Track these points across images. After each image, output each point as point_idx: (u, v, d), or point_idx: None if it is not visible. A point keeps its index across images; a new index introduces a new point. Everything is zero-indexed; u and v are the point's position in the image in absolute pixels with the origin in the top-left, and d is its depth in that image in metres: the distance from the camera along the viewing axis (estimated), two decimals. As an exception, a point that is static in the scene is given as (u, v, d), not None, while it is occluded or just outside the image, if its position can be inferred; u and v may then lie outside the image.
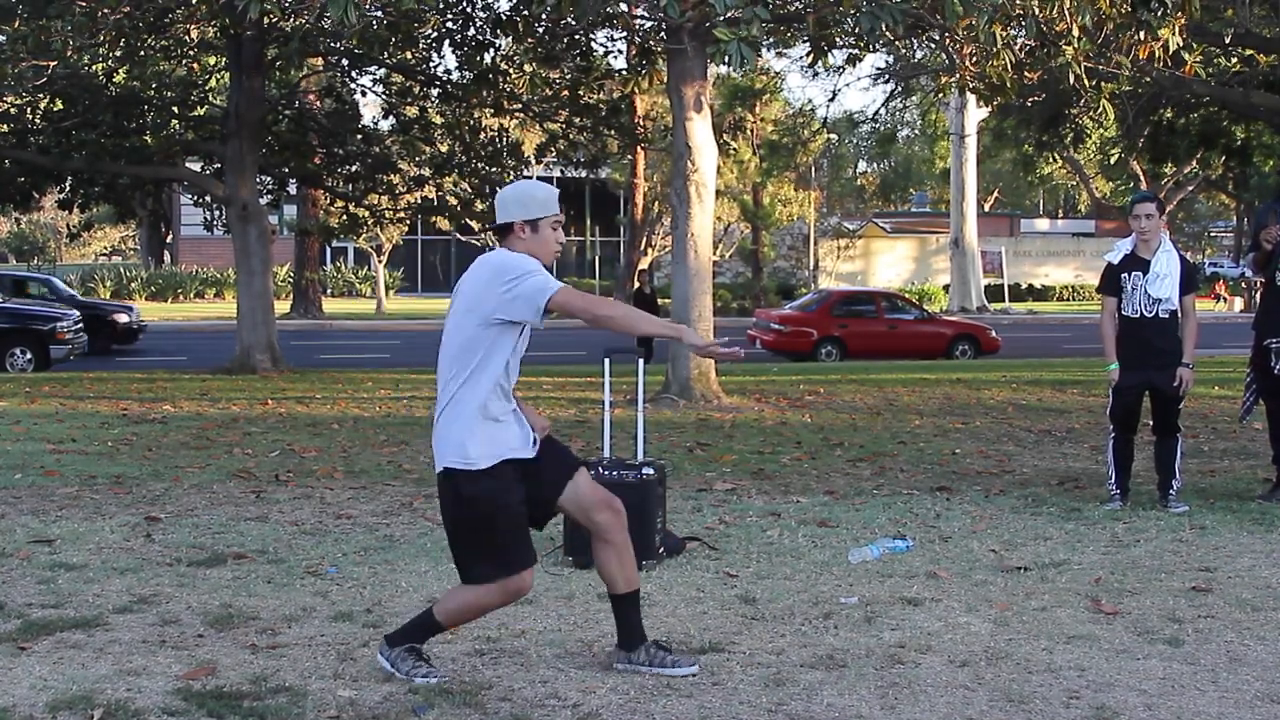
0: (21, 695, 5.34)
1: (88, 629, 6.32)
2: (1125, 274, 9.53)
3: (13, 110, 23.07)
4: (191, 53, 24.75)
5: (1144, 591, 7.22)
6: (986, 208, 75.48)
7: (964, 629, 6.46)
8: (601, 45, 23.36)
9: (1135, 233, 9.59)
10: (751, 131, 47.12)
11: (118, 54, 22.11)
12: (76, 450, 12.67)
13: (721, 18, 12.75)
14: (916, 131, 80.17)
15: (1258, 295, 12.73)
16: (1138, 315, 9.49)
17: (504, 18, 19.84)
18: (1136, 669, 5.87)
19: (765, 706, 5.33)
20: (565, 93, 23.06)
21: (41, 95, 22.34)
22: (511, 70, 22.83)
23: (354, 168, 26.23)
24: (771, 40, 19.61)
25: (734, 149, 44.83)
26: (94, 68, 22.55)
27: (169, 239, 68.90)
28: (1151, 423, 9.80)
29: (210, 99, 26.84)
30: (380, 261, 53.07)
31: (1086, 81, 15.20)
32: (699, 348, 5.65)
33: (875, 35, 14.77)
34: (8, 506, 9.57)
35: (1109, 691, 5.55)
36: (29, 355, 24.33)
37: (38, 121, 23.70)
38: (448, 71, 24.45)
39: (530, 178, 48.79)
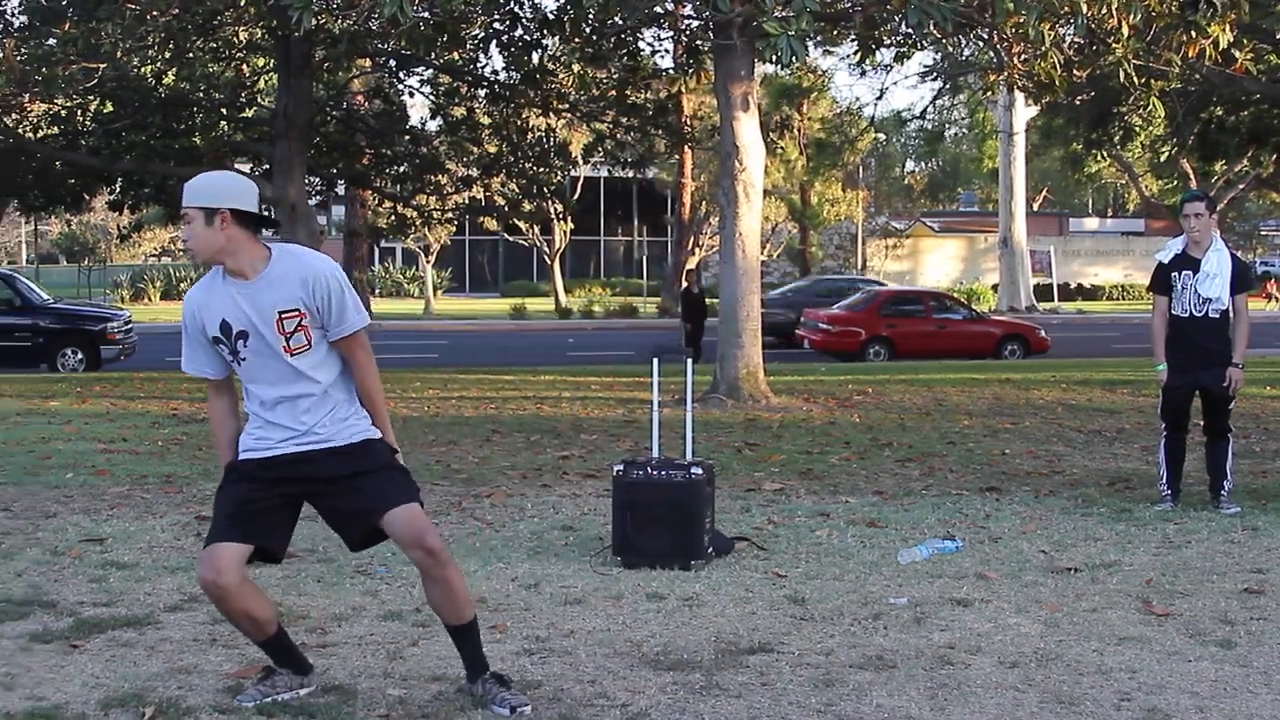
0: (74, 693, 5.37)
1: (139, 627, 6.36)
2: (1176, 273, 9.46)
3: (63, 112, 23.25)
4: (240, 54, 24.85)
5: (1196, 593, 7.16)
6: (1035, 207, 75.13)
7: (1014, 630, 6.42)
8: (649, 45, 23.38)
9: (1185, 232, 9.52)
10: (799, 130, 47.04)
11: (167, 56, 22.21)
12: (127, 450, 12.76)
13: (771, 14, 12.72)
14: (964, 130, 79.85)
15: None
16: (1187, 314, 9.42)
17: (551, 17, 19.88)
18: (1188, 671, 5.82)
19: (814, 707, 5.32)
20: (612, 92, 23.07)
21: (91, 97, 22.49)
22: (559, 70, 22.85)
23: (402, 168, 26.30)
24: (819, 38, 19.60)
25: (781, 148, 44.75)
26: (143, 70, 22.65)
27: (218, 240, 69.21)
28: (1202, 423, 9.74)
29: (259, 100, 26.97)
30: (428, 262, 53.26)
31: (1136, 79, 15.11)
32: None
33: (924, 33, 14.72)
34: (60, 505, 9.65)
35: (1160, 694, 5.51)
36: (80, 355, 24.52)
37: (88, 123, 23.88)
38: (495, 72, 24.49)
39: (578, 178, 48.41)
